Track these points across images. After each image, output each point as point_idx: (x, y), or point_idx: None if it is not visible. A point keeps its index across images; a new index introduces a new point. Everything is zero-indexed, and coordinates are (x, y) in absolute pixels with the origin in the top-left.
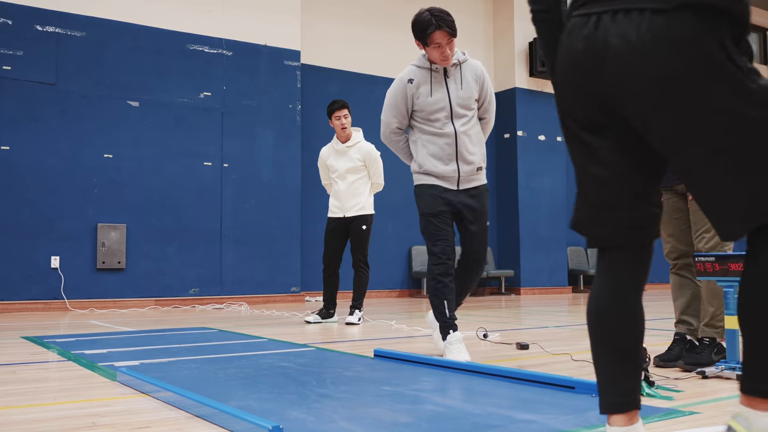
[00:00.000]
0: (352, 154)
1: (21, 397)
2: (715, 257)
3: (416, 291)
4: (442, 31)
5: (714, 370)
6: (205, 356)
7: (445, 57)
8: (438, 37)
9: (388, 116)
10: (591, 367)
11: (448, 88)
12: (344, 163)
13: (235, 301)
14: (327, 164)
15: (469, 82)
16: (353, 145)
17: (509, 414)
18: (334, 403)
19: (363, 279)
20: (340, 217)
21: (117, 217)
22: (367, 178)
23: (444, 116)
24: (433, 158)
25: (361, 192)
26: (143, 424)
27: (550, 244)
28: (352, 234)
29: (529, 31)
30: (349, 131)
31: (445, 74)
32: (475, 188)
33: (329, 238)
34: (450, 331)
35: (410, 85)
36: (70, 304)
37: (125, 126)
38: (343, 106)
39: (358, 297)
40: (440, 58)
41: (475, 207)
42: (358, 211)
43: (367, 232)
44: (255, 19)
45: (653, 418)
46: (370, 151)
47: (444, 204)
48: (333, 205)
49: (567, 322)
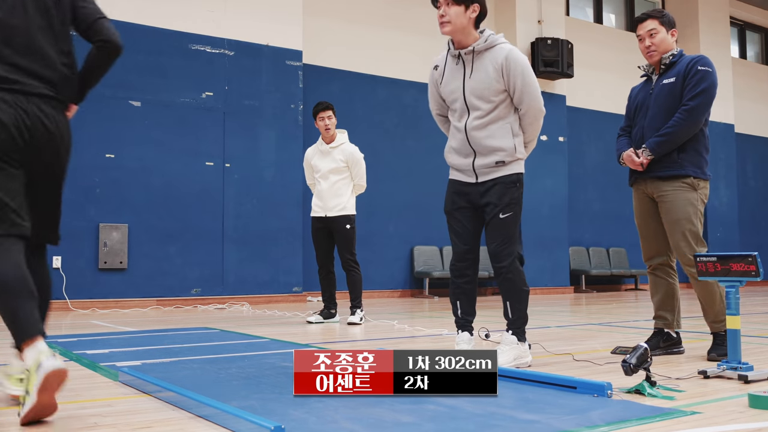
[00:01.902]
0: (336, 155)
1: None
2: (717, 257)
3: (418, 291)
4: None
5: (715, 370)
6: (207, 356)
7: (441, 23)
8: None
9: (429, 101)
10: (593, 367)
11: (464, 77)
12: (327, 163)
13: (237, 301)
14: (311, 164)
15: (488, 72)
16: (337, 146)
17: (511, 414)
18: (336, 403)
19: (356, 278)
20: (322, 216)
21: (119, 217)
22: (350, 179)
23: (459, 107)
24: (454, 151)
25: (343, 193)
26: (145, 425)
27: (552, 244)
28: (337, 235)
29: (530, 31)
30: (333, 132)
31: (463, 61)
32: (492, 180)
33: (317, 239)
34: (458, 331)
35: (435, 72)
36: (72, 304)
37: (127, 126)
38: (327, 108)
39: (355, 297)
40: (440, 27)
41: (491, 201)
42: (340, 211)
43: (352, 231)
44: (257, 19)
45: (655, 417)
46: (353, 153)
47: (462, 199)
48: (315, 204)
49: (569, 322)
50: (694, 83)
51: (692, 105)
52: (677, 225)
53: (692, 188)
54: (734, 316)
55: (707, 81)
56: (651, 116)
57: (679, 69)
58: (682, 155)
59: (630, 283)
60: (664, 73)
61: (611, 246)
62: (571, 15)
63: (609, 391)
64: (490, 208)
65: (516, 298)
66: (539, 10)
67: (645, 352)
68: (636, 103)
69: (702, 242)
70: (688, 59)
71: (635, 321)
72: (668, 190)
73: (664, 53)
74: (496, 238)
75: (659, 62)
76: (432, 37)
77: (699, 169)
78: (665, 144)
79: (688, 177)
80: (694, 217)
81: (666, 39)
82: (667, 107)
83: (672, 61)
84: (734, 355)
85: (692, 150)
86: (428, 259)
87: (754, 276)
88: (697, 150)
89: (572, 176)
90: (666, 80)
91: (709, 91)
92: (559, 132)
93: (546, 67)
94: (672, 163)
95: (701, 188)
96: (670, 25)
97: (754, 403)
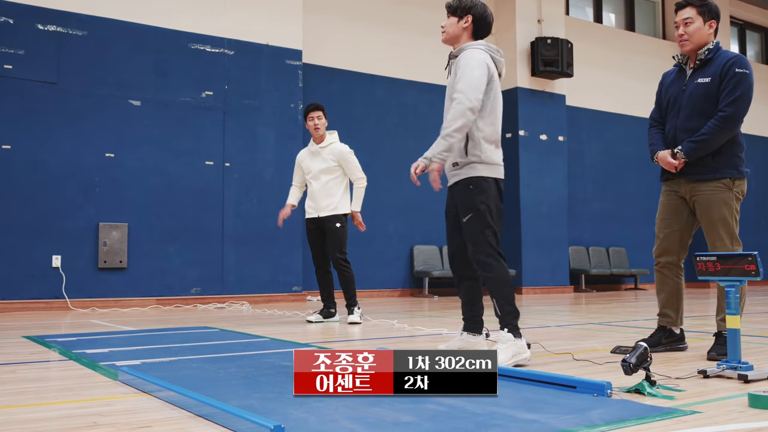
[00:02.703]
0: (326, 155)
1: (22, 397)
2: (717, 257)
3: (418, 290)
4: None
5: (715, 369)
6: (207, 355)
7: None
8: None
9: None
10: (593, 367)
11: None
12: (318, 164)
13: (237, 301)
14: (302, 166)
15: (455, 73)
16: (327, 146)
17: (511, 413)
18: (336, 403)
19: (348, 277)
20: (315, 217)
21: (118, 216)
22: (341, 179)
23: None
24: None
25: (335, 192)
26: (144, 424)
27: (552, 243)
28: (328, 233)
29: (530, 30)
30: (322, 132)
31: (450, 66)
32: (455, 184)
33: (311, 239)
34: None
35: None
36: (72, 304)
37: (127, 125)
38: (317, 108)
39: (350, 296)
40: None
41: (457, 202)
42: (332, 210)
43: (342, 229)
44: (257, 18)
45: (654, 417)
46: (342, 150)
47: (449, 205)
48: (308, 206)
49: (568, 322)
50: (731, 87)
51: (729, 112)
52: (713, 226)
53: (728, 188)
54: (734, 315)
55: (744, 85)
56: (684, 116)
57: (715, 68)
58: (718, 158)
59: (630, 282)
60: (699, 70)
61: (611, 245)
62: (570, 14)
63: (609, 391)
64: (459, 210)
65: (498, 294)
66: (539, 9)
67: (645, 351)
68: (668, 97)
69: (738, 241)
70: (725, 58)
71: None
72: (704, 190)
73: (699, 44)
74: (469, 240)
75: (695, 55)
76: (432, 37)
77: (735, 169)
78: (700, 150)
79: (724, 178)
80: (729, 218)
81: (701, 30)
82: (702, 109)
83: (708, 57)
84: (734, 354)
85: (728, 152)
86: (428, 259)
87: (754, 276)
88: (732, 152)
89: (572, 176)
90: (701, 79)
91: (746, 96)
92: (558, 131)
93: (546, 66)
94: (706, 166)
95: (737, 186)
96: (711, 15)
97: (753, 403)
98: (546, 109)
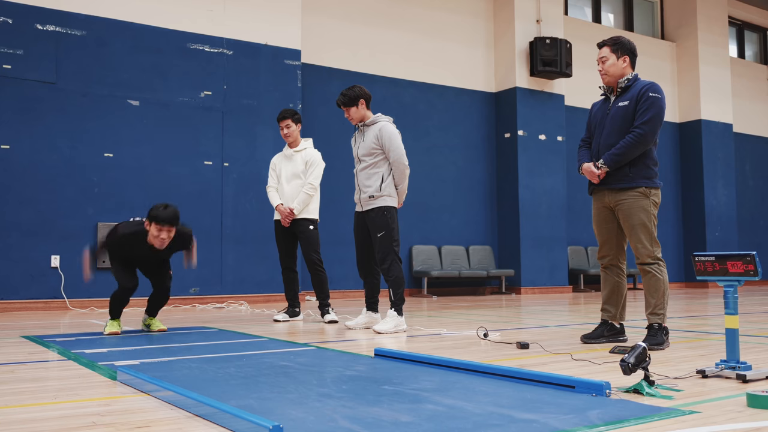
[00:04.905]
0: (298, 160)
1: (20, 397)
2: (715, 257)
3: (417, 290)
4: None
5: (714, 369)
6: (206, 355)
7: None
8: None
9: None
10: (592, 367)
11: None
12: (290, 168)
13: (236, 301)
14: (276, 169)
15: (369, 139)
16: (300, 150)
17: (510, 413)
18: (335, 403)
19: (322, 278)
20: None
21: (117, 216)
22: None
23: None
24: None
25: None
26: (143, 424)
27: (551, 243)
28: (301, 236)
29: (529, 30)
30: (292, 139)
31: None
32: (370, 210)
33: (279, 240)
34: None
35: None
36: (70, 303)
37: (126, 125)
38: (284, 117)
39: (324, 296)
40: None
41: (371, 223)
42: (303, 214)
43: (315, 232)
44: (256, 18)
45: (653, 417)
46: (312, 155)
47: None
48: None
49: (567, 322)
50: (644, 109)
51: (644, 129)
52: (634, 230)
53: (644, 196)
54: (732, 315)
55: (656, 107)
56: (606, 134)
57: (633, 93)
58: (633, 170)
59: (629, 282)
60: (620, 96)
61: None
62: (569, 14)
63: (607, 391)
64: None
65: (395, 288)
66: (538, 9)
67: (643, 351)
68: (595, 120)
69: (657, 243)
70: (641, 85)
71: (633, 320)
72: (624, 199)
73: (616, 76)
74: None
75: (616, 85)
76: (431, 37)
77: (648, 179)
78: (618, 160)
79: (639, 187)
80: (648, 222)
81: (616, 64)
82: (621, 128)
83: (627, 85)
84: (732, 354)
85: (641, 165)
86: (427, 259)
87: (753, 275)
88: (645, 164)
89: (571, 176)
90: (621, 102)
91: (658, 117)
92: (557, 131)
93: (544, 66)
94: (624, 176)
95: (653, 195)
96: (623, 51)
97: (752, 403)
98: (545, 109)
